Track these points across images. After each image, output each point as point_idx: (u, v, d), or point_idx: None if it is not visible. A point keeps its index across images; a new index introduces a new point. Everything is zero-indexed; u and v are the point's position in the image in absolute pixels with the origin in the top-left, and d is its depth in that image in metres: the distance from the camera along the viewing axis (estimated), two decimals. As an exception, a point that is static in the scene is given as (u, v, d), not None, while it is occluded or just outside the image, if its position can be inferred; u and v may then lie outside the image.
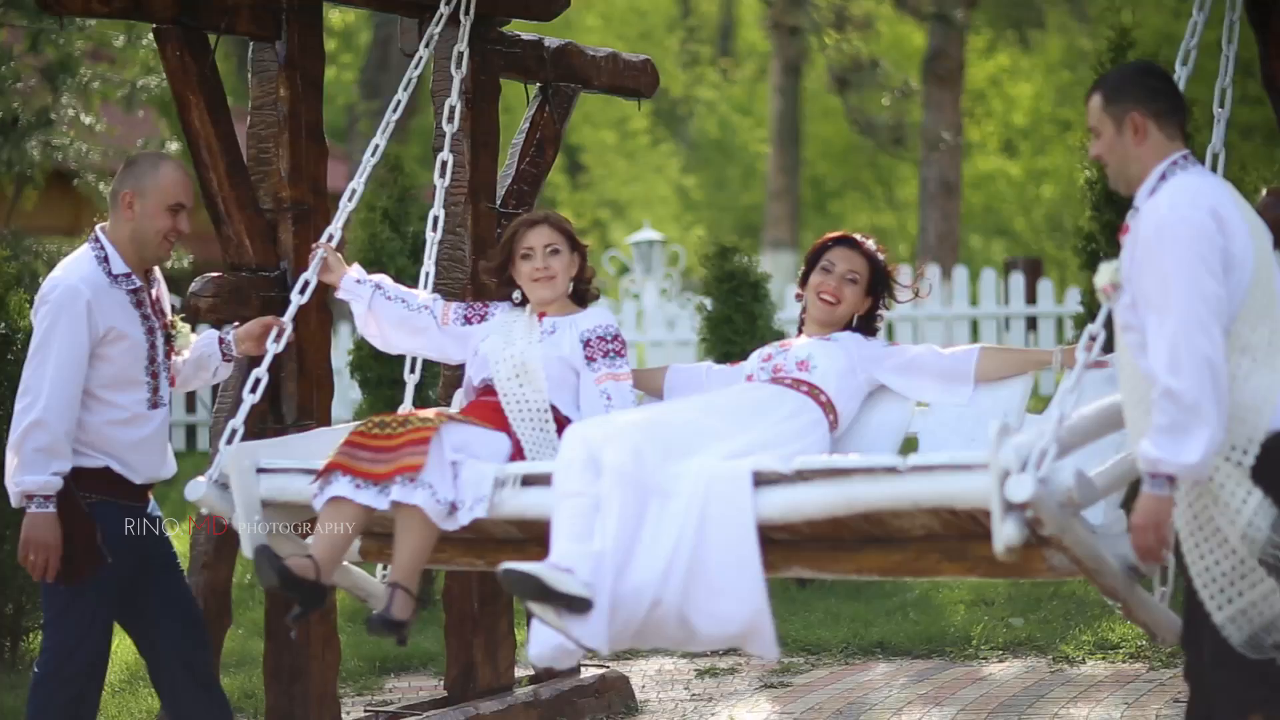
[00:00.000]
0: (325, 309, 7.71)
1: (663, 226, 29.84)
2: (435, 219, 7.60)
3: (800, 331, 6.99)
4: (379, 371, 11.47)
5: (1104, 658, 9.41)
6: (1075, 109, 25.11)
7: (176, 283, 18.93)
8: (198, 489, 6.68)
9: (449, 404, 7.61)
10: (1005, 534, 5.38)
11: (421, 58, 7.64)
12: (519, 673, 8.72)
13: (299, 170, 7.59)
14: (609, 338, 6.93)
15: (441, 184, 7.68)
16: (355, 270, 7.19)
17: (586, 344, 6.90)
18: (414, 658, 10.04)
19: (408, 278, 11.42)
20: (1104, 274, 5.79)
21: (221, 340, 6.99)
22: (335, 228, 7.26)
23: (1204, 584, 5.59)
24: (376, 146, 7.41)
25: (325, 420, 7.55)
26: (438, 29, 7.73)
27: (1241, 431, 5.52)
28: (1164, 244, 5.54)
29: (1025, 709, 8.47)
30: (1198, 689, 5.70)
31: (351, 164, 23.16)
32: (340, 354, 17.22)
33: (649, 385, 7.16)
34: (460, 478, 6.39)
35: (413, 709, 8.05)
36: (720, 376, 7.06)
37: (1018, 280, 19.47)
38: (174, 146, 14.82)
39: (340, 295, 7.18)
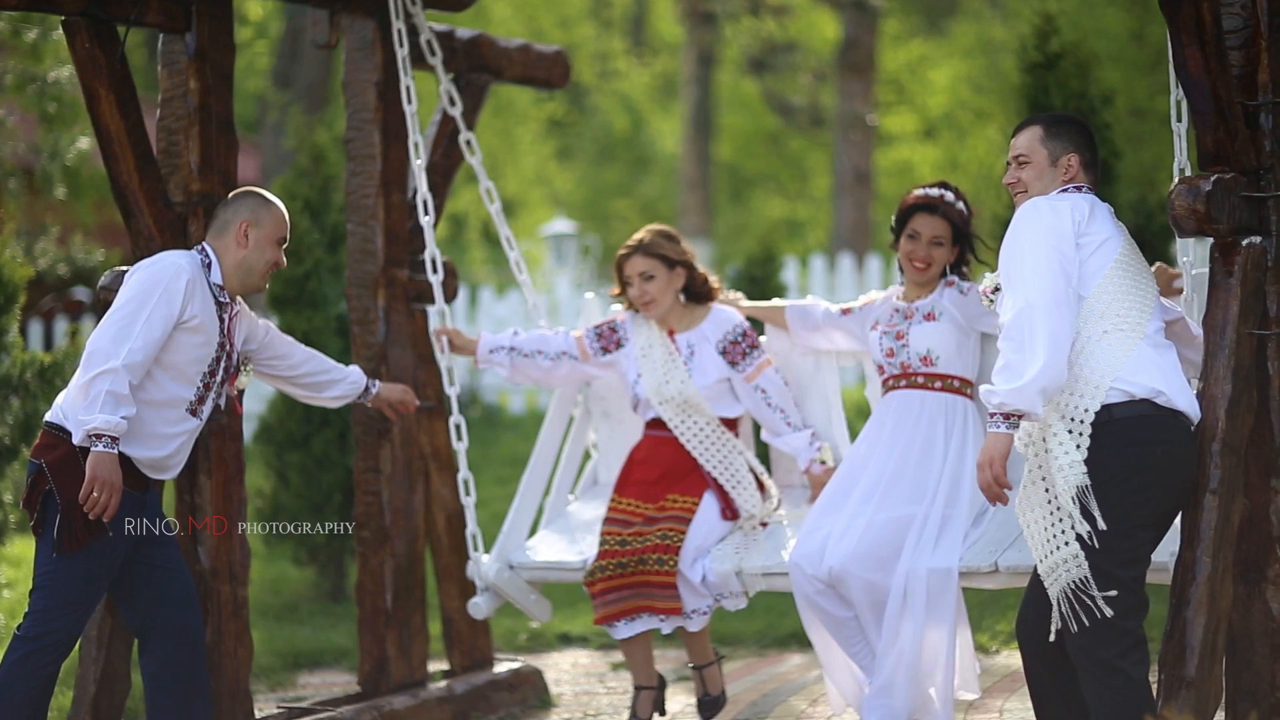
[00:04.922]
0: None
1: (568, 216, 29.72)
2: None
3: (902, 285, 7.56)
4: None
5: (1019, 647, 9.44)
6: (990, 99, 25.18)
7: (88, 277, 18.73)
8: (479, 609, 7.93)
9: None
10: None
11: (412, 95, 8.09)
12: (432, 667, 8.70)
13: (209, 163, 7.53)
14: (739, 338, 7.70)
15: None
16: (485, 340, 7.94)
17: (724, 352, 7.68)
18: (327, 653, 9.98)
19: (325, 269, 11.38)
20: (987, 279, 6.35)
21: (368, 389, 7.49)
22: (440, 304, 8.00)
23: (1031, 535, 5.94)
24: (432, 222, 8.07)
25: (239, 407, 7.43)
26: (404, 50, 8.05)
27: (1083, 393, 5.88)
28: (1023, 226, 5.97)
29: (939, 699, 8.48)
30: (1039, 664, 6.20)
31: (262, 156, 22.94)
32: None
33: (774, 319, 7.95)
34: (709, 581, 7.47)
35: (325, 704, 8.01)
36: (836, 324, 7.74)
37: (931, 269, 19.52)
38: (84, 141, 14.63)
39: (481, 366, 7.94)
